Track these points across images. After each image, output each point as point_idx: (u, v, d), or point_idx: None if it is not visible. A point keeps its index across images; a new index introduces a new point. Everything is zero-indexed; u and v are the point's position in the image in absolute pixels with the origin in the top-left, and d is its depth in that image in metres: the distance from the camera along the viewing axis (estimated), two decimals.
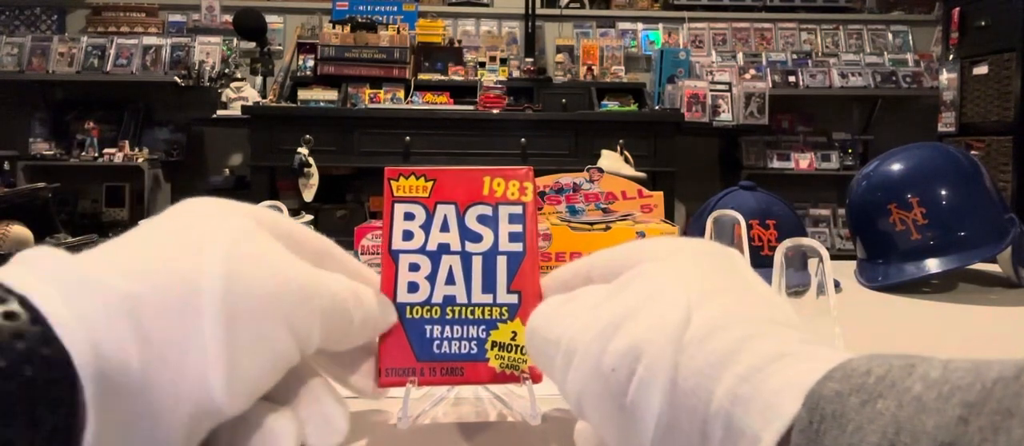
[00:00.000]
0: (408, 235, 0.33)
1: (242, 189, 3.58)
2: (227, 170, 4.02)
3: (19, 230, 0.74)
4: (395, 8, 3.88)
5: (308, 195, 3.03)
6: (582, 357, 0.26)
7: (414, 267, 0.33)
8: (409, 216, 0.33)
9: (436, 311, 0.32)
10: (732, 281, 0.27)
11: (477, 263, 0.33)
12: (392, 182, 0.34)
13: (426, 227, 0.33)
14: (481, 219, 0.34)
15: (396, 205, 0.34)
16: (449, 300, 0.33)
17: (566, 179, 0.79)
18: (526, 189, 0.34)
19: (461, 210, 0.34)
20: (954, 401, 0.18)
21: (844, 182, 3.63)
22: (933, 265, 0.94)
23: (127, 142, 3.75)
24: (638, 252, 0.29)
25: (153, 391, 0.23)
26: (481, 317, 0.32)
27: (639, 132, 3.23)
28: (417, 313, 0.32)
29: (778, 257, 0.56)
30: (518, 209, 0.34)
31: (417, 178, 0.34)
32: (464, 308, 0.32)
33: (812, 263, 0.56)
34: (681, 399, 0.23)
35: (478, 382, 0.32)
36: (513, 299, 0.33)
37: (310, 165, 3.04)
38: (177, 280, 0.25)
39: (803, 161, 3.93)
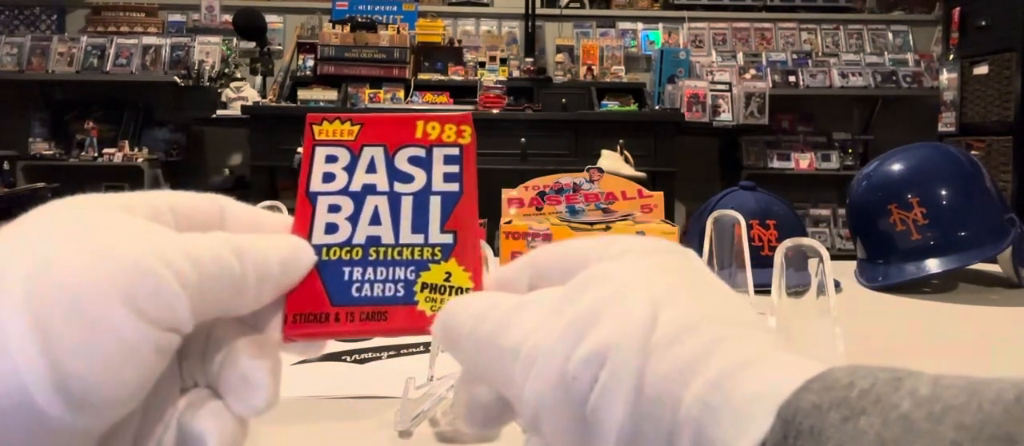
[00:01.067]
0: (329, 177, 0.30)
1: (242, 189, 3.58)
2: (227, 170, 4.02)
3: None
4: (395, 8, 3.88)
5: None
6: (544, 364, 0.23)
7: (334, 208, 0.29)
8: (331, 158, 0.30)
9: (357, 252, 0.29)
10: (693, 278, 0.26)
11: (407, 203, 0.30)
12: (314, 126, 0.31)
13: (350, 169, 0.30)
14: (413, 160, 0.31)
15: (317, 148, 0.30)
16: (373, 240, 0.29)
17: (566, 179, 0.79)
18: (464, 132, 0.31)
19: (390, 152, 0.30)
20: (947, 423, 0.17)
21: (844, 182, 3.63)
22: (933, 265, 0.94)
23: (127, 142, 3.75)
24: (587, 250, 0.27)
25: None
26: (410, 258, 0.29)
27: (639, 132, 3.23)
28: (335, 254, 0.29)
29: (778, 257, 0.56)
30: (454, 150, 0.31)
31: (342, 122, 0.31)
32: (390, 249, 0.29)
33: (812, 263, 0.56)
34: (646, 407, 0.22)
35: (405, 328, 0.28)
36: (448, 239, 0.29)
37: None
38: None
39: (803, 161, 3.93)
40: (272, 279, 0.26)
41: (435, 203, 0.30)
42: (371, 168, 0.30)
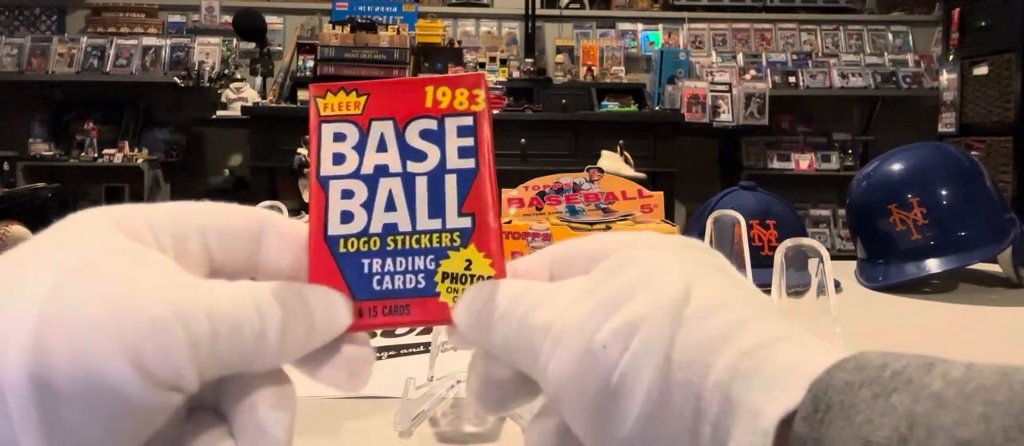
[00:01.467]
0: (339, 158, 0.29)
1: (242, 190, 3.58)
2: (227, 171, 4.02)
3: (18, 230, 0.74)
4: (395, 9, 3.88)
5: (308, 196, 3.04)
6: (572, 337, 0.23)
7: (347, 194, 0.28)
8: (339, 137, 0.29)
9: (375, 242, 0.28)
10: (722, 270, 0.26)
11: (421, 184, 0.28)
12: (318, 99, 0.29)
13: (360, 148, 0.29)
14: (424, 134, 0.29)
15: (323, 125, 0.29)
16: (390, 228, 0.28)
17: (566, 179, 0.79)
18: (477, 97, 0.29)
19: (400, 126, 0.29)
20: (978, 399, 0.17)
21: (844, 183, 3.62)
22: (933, 265, 0.94)
23: (127, 143, 3.75)
24: (614, 241, 0.27)
25: None
26: (429, 246, 0.28)
27: (639, 133, 3.23)
28: (353, 246, 0.28)
29: (778, 257, 0.56)
30: (468, 120, 0.29)
31: (347, 93, 0.29)
32: (408, 237, 0.28)
33: (812, 263, 0.56)
34: (675, 373, 0.22)
35: (428, 321, 0.27)
36: (466, 222, 0.28)
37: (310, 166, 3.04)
38: None
39: (803, 162, 3.93)
40: (297, 341, 0.25)
41: (451, 183, 0.28)
42: (382, 146, 0.29)
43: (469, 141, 0.29)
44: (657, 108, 3.71)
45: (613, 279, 0.24)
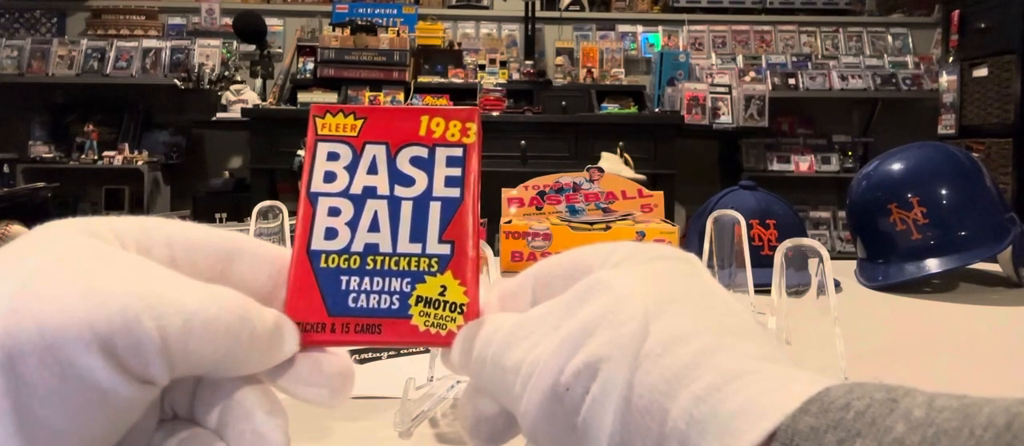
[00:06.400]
0: (330, 176, 0.30)
1: (242, 192, 3.58)
2: (227, 173, 4.02)
3: (18, 229, 0.74)
4: (395, 11, 3.88)
5: None
6: (539, 377, 0.24)
7: (334, 211, 0.29)
8: (333, 156, 0.30)
9: (355, 260, 0.29)
10: (691, 286, 0.26)
11: (406, 209, 0.29)
12: (317, 119, 0.30)
13: (351, 169, 0.30)
14: (415, 161, 0.30)
15: (319, 144, 0.30)
16: (371, 249, 0.29)
17: (566, 178, 0.79)
18: (469, 130, 0.30)
19: (392, 151, 0.30)
20: None
21: (844, 185, 3.63)
22: (933, 265, 0.94)
23: (127, 145, 3.75)
24: (590, 256, 0.27)
25: None
26: (406, 269, 0.29)
27: (639, 135, 3.23)
28: (333, 262, 0.28)
29: (778, 257, 0.56)
30: (458, 151, 0.30)
31: (346, 115, 0.31)
32: (387, 258, 0.29)
33: (812, 263, 0.56)
34: (634, 418, 0.22)
35: (398, 342, 0.28)
36: (445, 249, 0.29)
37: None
38: None
39: (803, 163, 3.93)
40: (262, 351, 0.25)
41: (435, 209, 0.29)
42: (372, 169, 0.30)
43: (457, 171, 0.30)
44: (657, 110, 3.71)
45: (578, 310, 0.25)
